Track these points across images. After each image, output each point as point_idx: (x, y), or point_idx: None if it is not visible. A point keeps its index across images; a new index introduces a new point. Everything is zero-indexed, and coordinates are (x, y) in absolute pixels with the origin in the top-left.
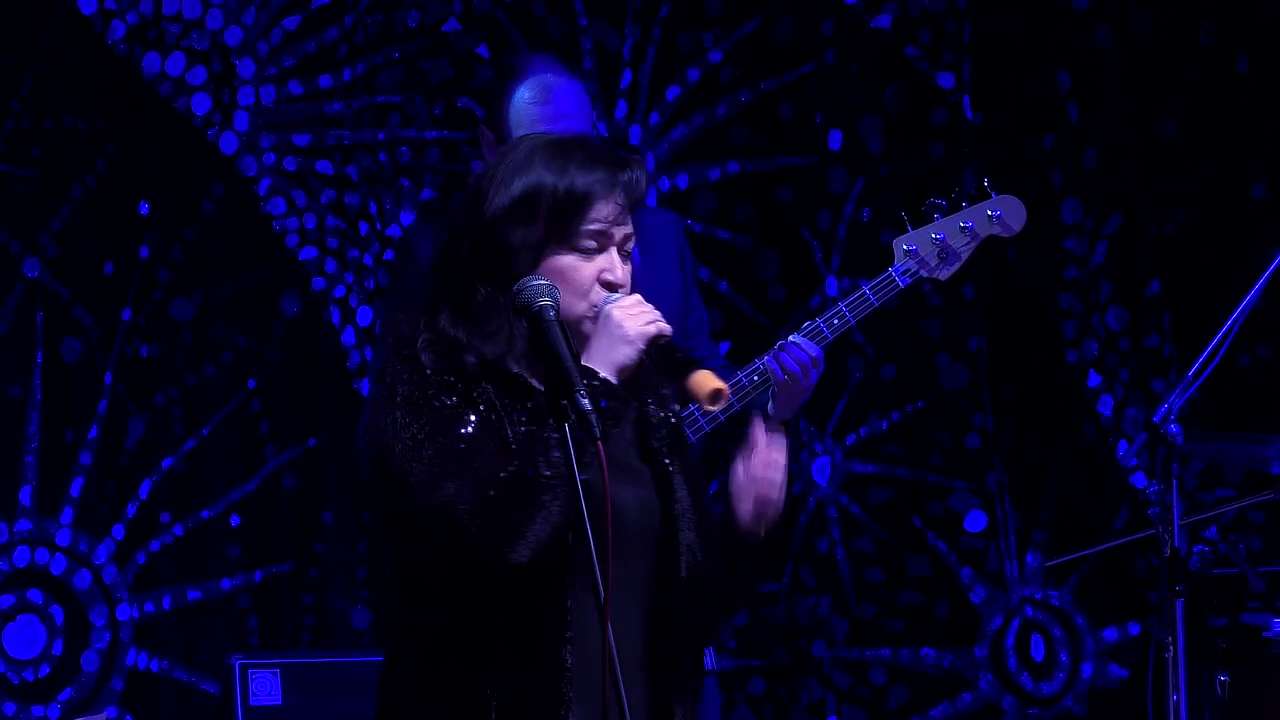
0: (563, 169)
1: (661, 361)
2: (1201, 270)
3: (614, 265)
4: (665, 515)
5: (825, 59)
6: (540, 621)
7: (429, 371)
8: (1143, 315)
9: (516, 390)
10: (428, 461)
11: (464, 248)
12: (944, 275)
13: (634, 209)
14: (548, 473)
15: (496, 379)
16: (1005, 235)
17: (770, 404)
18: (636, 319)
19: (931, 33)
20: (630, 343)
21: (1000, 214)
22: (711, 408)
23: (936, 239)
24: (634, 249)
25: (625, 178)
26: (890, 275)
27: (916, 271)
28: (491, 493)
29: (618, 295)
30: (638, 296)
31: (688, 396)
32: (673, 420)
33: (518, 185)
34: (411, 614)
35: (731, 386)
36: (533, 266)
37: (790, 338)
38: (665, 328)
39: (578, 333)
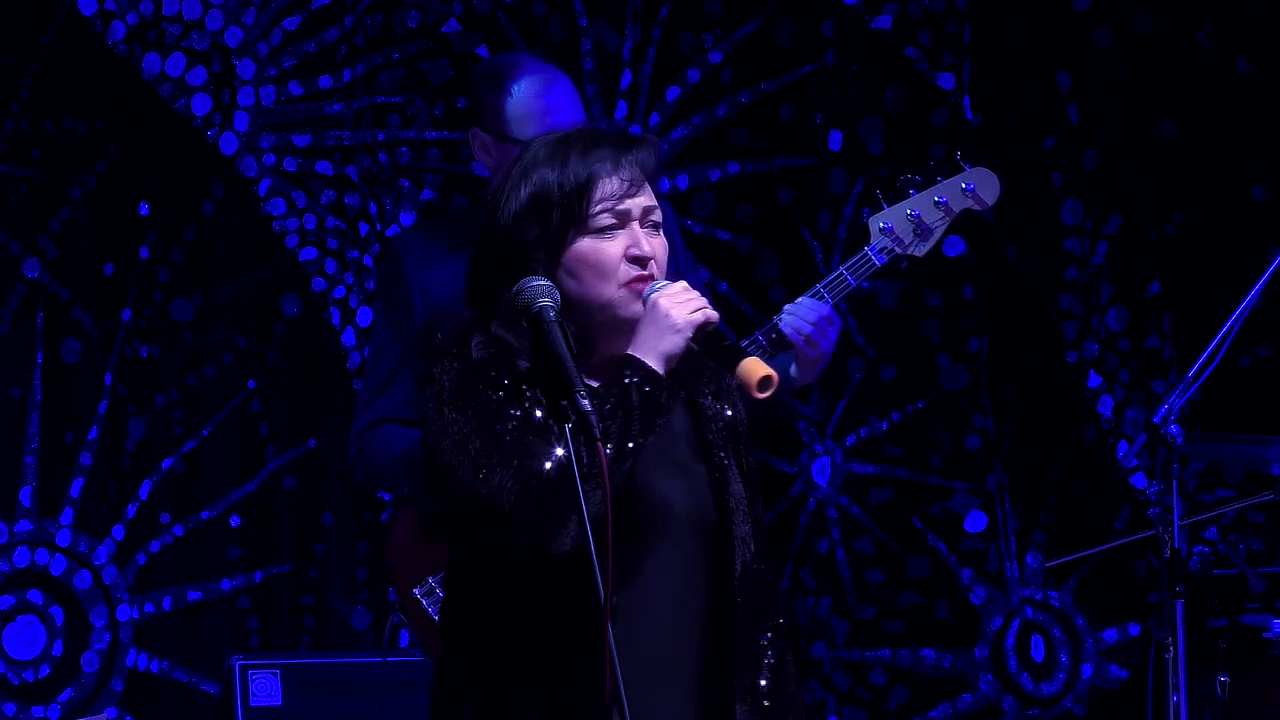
0: (564, 160)
1: (710, 349)
2: (1201, 271)
3: (638, 239)
4: (719, 509)
5: (825, 60)
6: (579, 621)
7: (478, 370)
8: (1143, 316)
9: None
10: (474, 454)
11: (489, 256)
12: (920, 252)
13: (647, 182)
14: (589, 463)
15: (547, 381)
16: (979, 209)
17: (793, 367)
18: (684, 307)
19: (931, 34)
20: (678, 331)
21: (973, 187)
22: (761, 395)
23: (911, 216)
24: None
25: (629, 154)
26: (866, 254)
27: (892, 249)
28: (534, 482)
29: (664, 283)
30: (684, 284)
31: (738, 385)
32: (728, 413)
33: (525, 189)
34: (460, 614)
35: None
36: (554, 260)
37: (787, 307)
38: (713, 315)
39: (614, 316)
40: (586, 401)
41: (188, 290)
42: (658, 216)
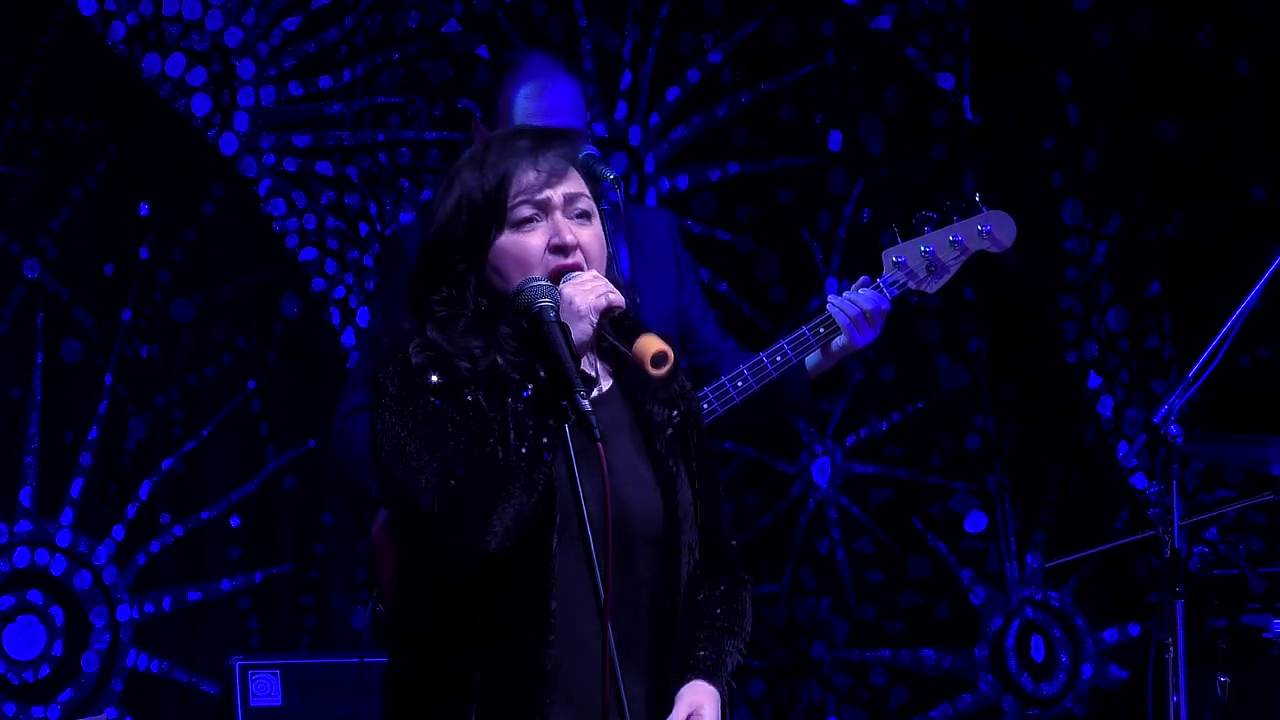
0: (482, 161)
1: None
2: (1201, 271)
3: (559, 229)
4: (669, 517)
5: (825, 60)
6: (523, 622)
7: (417, 375)
8: (1143, 316)
9: (508, 391)
10: (410, 458)
11: (422, 260)
12: (932, 288)
13: (577, 173)
14: (505, 459)
15: (488, 382)
16: (995, 250)
17: (813, 356)
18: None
19: (931, 34)
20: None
21: (990, 229)
22: (656, 371)
23: (925, 252)
24: (620, 229)
25: (549, 146)
26: (878, 286)
27: (905, 284)
28: (453, 482)
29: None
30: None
31: (637, 363)
32: (676, 418)
33: (451, 194)
34: (407, 612)
35: (762, 359)
36: (480, 259)
37: (835, 297)
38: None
39: None
40: (586, 401)
41: (188, 290)
42: (584, 205)
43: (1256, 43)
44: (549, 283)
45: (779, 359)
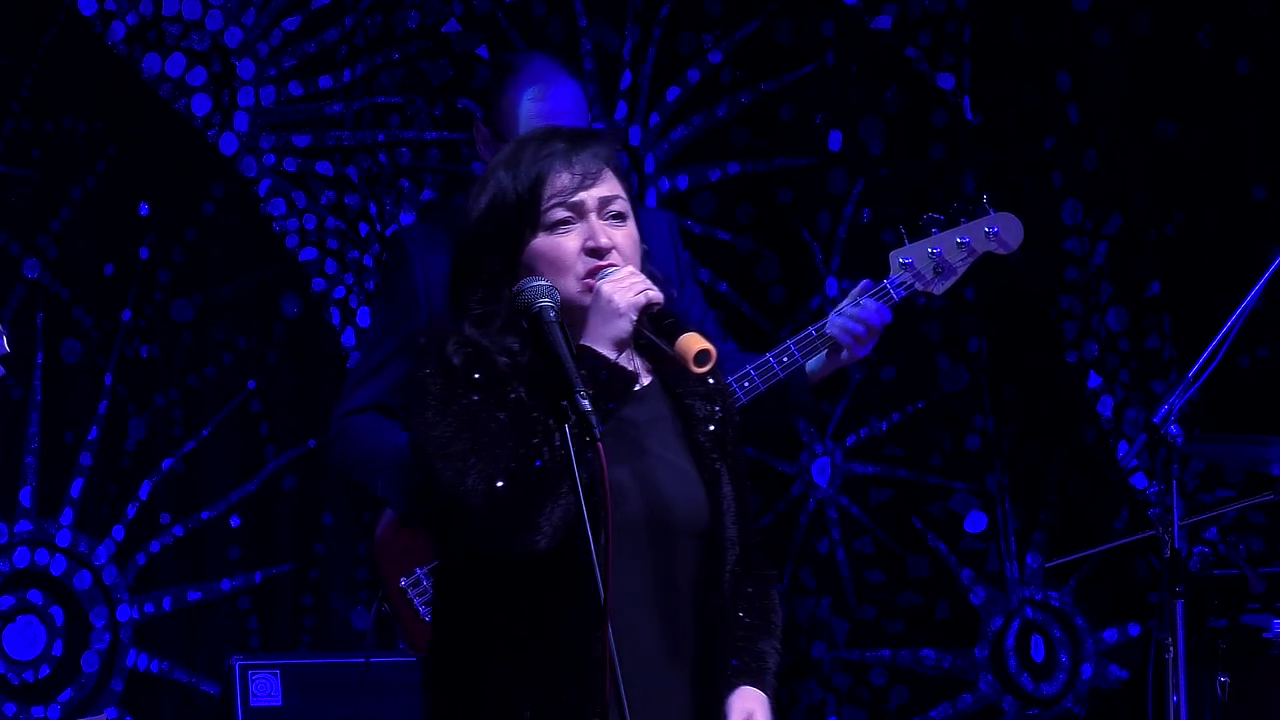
0: (517, 161)
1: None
2: (1201, 271)
3: (594, 231)
4: (713, 511)
5: (825, 60)
6: (575, 617)
7: (457, 373)
8: (1143, 316)
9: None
10: (455, 457)
11: (458, 260)
12: (939, 290)
13: (611, 173)
14: (551, 459)
15: (528, 378)
16: (1002, 252)
17: (816, 359)
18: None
19: (931, 34)
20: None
21: (998, 230)
22: (698, 369)
23: (933, 253)
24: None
25: (583, 148)
26: (885, 288)
27: (912, 285)
28: (500, 484)
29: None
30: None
31: (678, 360)
32: (719, 413)
33: (484, 196)
34: (451, 612)
35: (769, 360)
36: (514, 260)
37: (835, 310)
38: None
39: (577, 310)
40: (587, 402)
41: (188, 290)
42: (619, 207)
43: (1256, 43)
44: (548, 282)
45: (785, 360)
